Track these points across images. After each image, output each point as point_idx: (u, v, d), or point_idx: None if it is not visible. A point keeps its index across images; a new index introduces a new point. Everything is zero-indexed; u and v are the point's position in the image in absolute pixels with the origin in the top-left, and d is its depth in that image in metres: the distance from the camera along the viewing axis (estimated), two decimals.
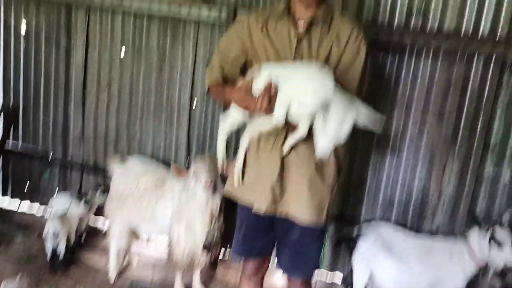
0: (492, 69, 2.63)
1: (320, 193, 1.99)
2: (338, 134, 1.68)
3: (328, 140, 1.69)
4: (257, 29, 1.94)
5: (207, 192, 2.59)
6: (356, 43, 1.88)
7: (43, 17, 3.39)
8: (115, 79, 3.36)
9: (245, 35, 1.97)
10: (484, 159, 2.79)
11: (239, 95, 1.88)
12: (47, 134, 3.60)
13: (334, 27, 1.89)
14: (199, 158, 2.70)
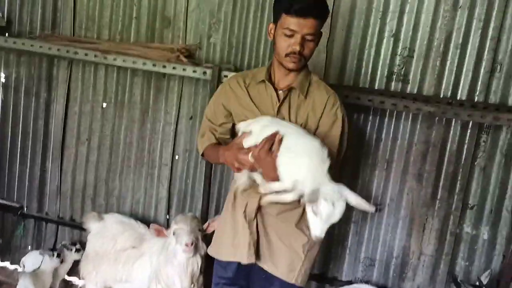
0: (470, 132, 2.69)
1: (296, 250, 2.01)
2: (332, 217, 1.65)
3: (323, 222, 1.66)
4: (241, 90, 2.03)
5: (187, 255, 2.51)
6: (333, 110, 1.96)
7: (24, 69, 3.34)
8: (96, 132, 3.30)
9: (229, 100, 2.05)
10: (462, 220, 2.81)
11: (231, 152, 1.89)
12: (22, 188, 3.48)
13: (311, 94, 1.98)
14: (180, 218, 2.62)
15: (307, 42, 1.85)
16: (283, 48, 1.87)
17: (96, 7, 3.16)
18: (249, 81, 2.03)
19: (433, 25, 2.65)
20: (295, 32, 1.82)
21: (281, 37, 1.86)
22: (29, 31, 3.28)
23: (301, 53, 1.85)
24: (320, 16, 1.83)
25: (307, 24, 1.80)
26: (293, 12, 1.79)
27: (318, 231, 1.67)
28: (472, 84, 2.65)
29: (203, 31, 3.02)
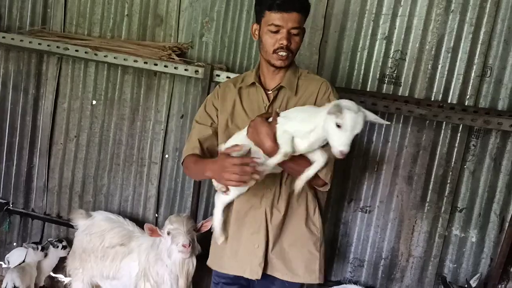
0: (460, 135, 2.68)
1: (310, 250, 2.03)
2: (356, 126, 1.61)
3: (348, 134, 1.61)
4: (233, 94, 2.02)
5: (184, 255, 2.45)
6: (325, 96, 1.95)
7: (12, 64, 3.27)
8: (85, 129, 3.24)
9: (221, 103, 2.03)
10: (451, 222, 2.80)
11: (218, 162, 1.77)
12: (8, 184, 3.41)
13: (301, 88, 1.98)
14: (175, 219, 2.56)
15: (293, 37, 1.85)
16: (270, 45, 1.86)
17: (87, 4, 3.10)
18: (240, 85, 2.03)
19: (425, 29, 2.63)
20: (281, 27, 1.82)
21: (267, 34, 1.86)
22: (18, 26, 3.22)
23: (288, 47, 1.85)
24: (302, 9, 1.84)
25: (291, 18, 1.81)
26: (276, 8, 1.80)
27: (344, 145, 1.61)
28: (463, 88, 2.64)
29: (195, 29, 2.97)
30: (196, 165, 1.93)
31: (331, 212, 2.94)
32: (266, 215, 1.99)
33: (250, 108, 2.00)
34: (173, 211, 3.17)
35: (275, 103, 1.97)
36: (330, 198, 2.91)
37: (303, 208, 2.02)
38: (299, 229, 2.03)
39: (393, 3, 2.65)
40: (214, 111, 2.05)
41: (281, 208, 1.99)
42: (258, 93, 2.00)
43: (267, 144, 1.72)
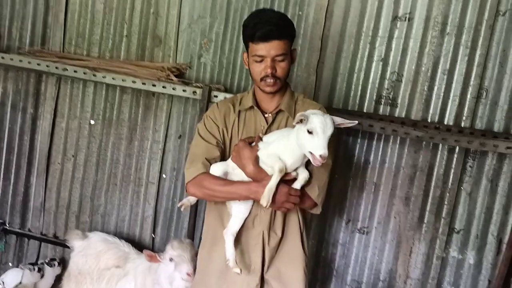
0: (456, 157, 2.64)
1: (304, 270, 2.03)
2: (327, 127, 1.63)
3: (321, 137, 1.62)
4: (233, 115, 2.00)
5: (188, 284, 2.36)
6: None
7: (11, 84, 3.23)
8: (82, 148, 3.19)
9: (221, 123, 2.00)
10: (449, 244, 2.74)
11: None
12: (5, 203, 3.35)
13: (298, 112, 1.90)
14: (178, 245, 2.48)
15: (278, 63, 1.86)
16: (257, 73, 1.89)
17: (86, 24, 3.09)
18: (239, 108, 2.01)
19: (420, 51, 2.62)
20: (264, 56, 1.84)
21: (253, 64, 1.89)
22: (18, 46, 3.19)
23: (274, 74, 1.86)
24: (283, 36, 1.84)
25: (272, 46, 1.82)
26: (257, 39, 1.82)
27: (321, 148, 1.61)
28: (459, 110, 2.61)
29: (194, 50, 2.95)
30: (229, 186, 1.83)
31: (328, 233, 2.89)
32: (264, 238, 1.96)
33: (248, 131, 1.98)
34: (170, 231, 3.11)
35: (273, 126, 1.97)
36: (327, 218, 2.87)
37: (297, 229, 2.01)
38: (295, 249, 2.01)
39: (389, 25, 2.64)
40: (216, 129, 1.99)
41: (278, 230, 1.98)
42: (256, 116, 1.99)
43: (248, 168, 1.78)
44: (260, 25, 1.82)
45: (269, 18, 1.85)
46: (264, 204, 1.72)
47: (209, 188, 1.84)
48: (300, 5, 2.75)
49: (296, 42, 2.75)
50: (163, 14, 2.97)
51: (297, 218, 2.01)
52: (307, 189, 1.85)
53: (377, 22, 2.65)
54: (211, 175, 1.86)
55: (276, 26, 1.82)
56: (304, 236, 2.04)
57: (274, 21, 1.83)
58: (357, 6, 2.67)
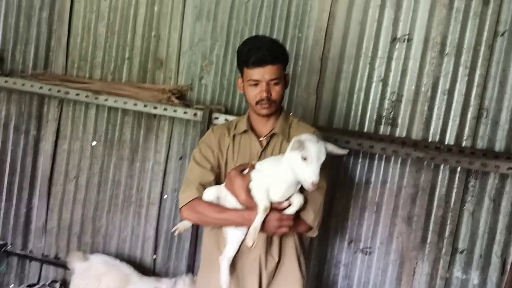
0: (458, 176, 2.60)
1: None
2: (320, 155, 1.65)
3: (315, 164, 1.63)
4: (227, 139, 2.00)
5: None
6: None
7: (14, 106, 3.22)
8: (84, 170, 3.16)
9: (216, 147, 2.00)
10: (452, 264, 2.68)
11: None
12: (7, 225, 3.30)
13: (293, 135, 1.92)
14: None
15: (272, 87, 1.89)
16: (252, 97, 1.91)
17: (89, 47, 3.08)
18: (233, 132, 2.02)
19: (420, 71, 2.59)
20: (259, 81, 1.87)
21: (249, 88, 1.91)
22: (21, 69, 3.19)
23: (269, 98, 1.88)
24: (277, 61, 1.88)
25: (266, 71, 1.85)
26: (251, 64, 1.86)
27: (315, 176, 1.62)
28: (459, 130, 2.57)
29: (195, 72, 2.94)
30: (222, 213, 1.83)
31: (330, 254, 2.83)
32: (260, 262, 1.93)
33: (242, 155, 1.98)
34: (171, 252, 3.06)
35: (267, 149, 1.97)
36: (329, 239, 2.82)
37: (294, 252, 1.98)
38: (292, 273, 1.98)
39: (388, 46, 2.62)
40: (210, 154, 2.00)
41: (275, 254, 1.94)
42: (251, 140, 1.99)
43: (240, 198, 1.79)
44: (253, 51, 1.86)
45: (262, 44, 1.89)
46: (249, 245, 1.72)
47: (203, 213, 1.86)
48: (299, 27, 2.74)
49: (296, 63, 2.75)
50: (164, 37, 2.97)
51: (293, 241, 1.98)
52: (302, 214, 1.84)
53: (376, 43, 2.64)
54: (205, 201, 1.87)
55: (269, 51, 1.86)
56: (301, 259, 2.01)
57: (267, 47, 1.87)
58: (356, 27, 2.66)
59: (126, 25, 3.01)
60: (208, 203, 1.86)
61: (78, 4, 3.07)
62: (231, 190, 1.82)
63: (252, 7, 2.80)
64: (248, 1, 2.81)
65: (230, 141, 2.00)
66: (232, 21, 2.85)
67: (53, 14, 3.12)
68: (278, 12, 2.76)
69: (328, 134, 2.57)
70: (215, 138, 2.02)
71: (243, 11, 2.82)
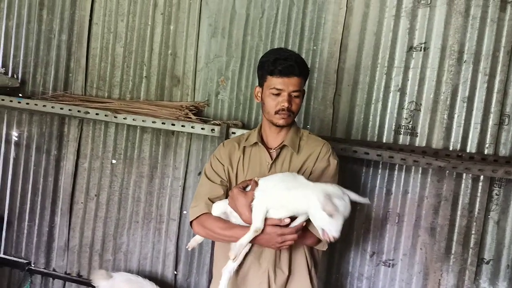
0: (482, 184, 2.45)
1: None
2: (346, 210, 1.55)
3: (339, 220, 1.54)
4: (238, 152, 1.96)
5: None
6: (325, 157, 1.90)
7: (36, 127, 3.16)
8: (105, 187, 3.07)
9: (226, 161, 1.94)
10: (479, 275, 2.51)
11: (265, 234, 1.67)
12: (30, 244, 3.21)
13: (303, 148, 1.90)
14: None
15: (293, 99, 1.84)
16: (272, 106, 1.85)
17: (107, 67, 3.02)
18: (244, 144, 1.96)
19: (438, 80, 2.47)
20: (282, 90, 1.81)
21: (269, 97, 1.85)
22: (42, 91, 3.13)
23: (289, 109, 1.83)
24: (302, 74, 1.84)
25: (291, 82, 1.80)
26: (277, 73, 1.80)
27: (338, 232, 1.54)
28: (481, 137, 2.43)
29: (211, 88, 2.85)
30: (227, 231, 1.76)
31: (352, 266, 2.69)
32: (269, 276, 1.83)
33: (253, 167, 1.91)
34: (192, 267, 2.94)
35: (278, 161, 1.91)
36: (350, 252, 2.67)
37: (305, 266, 1.88)
38: (303, 286, 1.88)
39: (405, 56, 2.50)
40: (221, 168, 1.94)
41: (284, 267, 1.85)
42: (261, 152, 1.93)
43: (243, 216, 1.70)
44: (281, 61, 1.80)
45: (289, 55, 1.83)
46: (231, 258, 1.68)
47: (210, 229, 1.82)
48: (314, 40, 2.64)
49: (312, 76, 2.64)
50: (180, 55, 2.89)
51: (304, 254, 1.88)
52: (310, 226, 1.73)
53: (392, 53, 2.52)
54: (213, 217, 1.82)
55: (297, 63, 1.81)
56: (312, 273, 1.90)
57: (295, 59, 1.82)
58: (371, 38, 2.55)
59: (143, 44, 2.95)
60: (215, 219, 1.81)
61: (96, 26, 3.02)
62: (234, 208, 1.75)
63: (266, 22, 2.72)
64: (262, 17, 2.72)
65: (241, 154, 1.94)
66: (247, 37, 2.77)
67: (72, 37, 3.07)
68: (292, 26, 2.67)
69: (346, 145, 2.45)
70: (225, 152, 1.97)
71: (257, 26, 2.74)
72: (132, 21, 2.96)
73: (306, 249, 1.89)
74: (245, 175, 1.91)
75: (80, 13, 3.03)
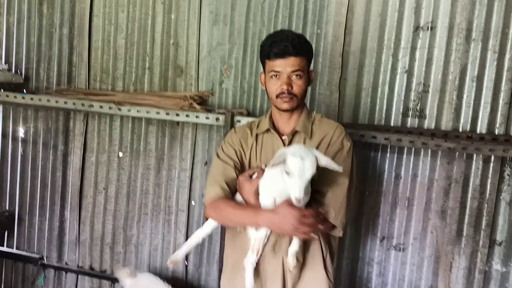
0: (493, 165, 2.35)
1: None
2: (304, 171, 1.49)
3: (298, 180, 1.48)
4: (251, 139, 1.87)
5: None
6: (338, 139, 1.82)
7: (41, 123, 3.09)
8: (113, 181, 3.01)
9: (238, 146, 1.87)
10: (491, 257, 2.43)
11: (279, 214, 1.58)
12: (42, 239, 3.17)
13: (315, 133, 1.82)
14: None
15: (294, 80, 1.76)
16: (273, 90, 1.79)
17: (110, 60, 2.94)
18: (256, 131, 1.88)
19: (446, 59, 2.36)
20: (280, 72, 1.75)
21: (270, 81, 1.80)
22: (46, 86, 3.06)
23: (290, 91, 1.75)
24: (299, 53, 1.74)
25: (288, 62, 1.73)
26: (273, 56, 1.75)
27: (295, 192, 1.48)
28: (491, 117, 2.33)
29: (214, 77, 2.76)
30: (239, 210, 1.70)
31: (362, 252, 2.62)
32: (284, 264, 1.77)
33: (265, 154, 1.84)
34: (202, 258, 2.88)
35: None
36: (360, 237, 2.60)
37: (319, 254, 1.82)
38: (318, 276, 1.81)
39: (411, 36, 2.39)
40: (233, 152, 1.87)
41: (299, 256, 1.76)
42: (273, 138, 1.86)
43: (250, 203, 1.68)
44: (276, 43, 1.74)
45: (285, 36, 1.76)
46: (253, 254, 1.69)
47: (220, 208, 1.75)
48: (318, 23, 2.54)
49: (316, 60, 2.54)
50: (182, 44, 2.80)
51: (318, 242, 1.81)
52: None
53: (399, 33, 2.41)
54: (226, 201, 1.75)
55: (292, 43, 1.73)
56: (327, 261, 1.83)
57: (290, 39, 1.74)
58: (376, 19, 2.44)
59: (145, 35, 2.86)
60: (227, 200, 1.76)
61: (96, 18, 2.93)
62: (241, 195, 1.73)
63: (268, 7, 2.62)
64: (264, 2, 2.62)
65: (254, 141, 1.87)
66: (249, 23, 2.67)
67: (73, 30, 2.98)
68: (295, 10, 2.57)
69: (353, 130, 2.36)
70: (237, 138, 1.90)
71: (259, 12, 2.64)
72: (133, 11, 2.87)
73: (321, 236, 1.82)
74: (257, 162, 1.84)
75: (80, 6, 2.95)
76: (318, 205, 1.69)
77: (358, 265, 2.64)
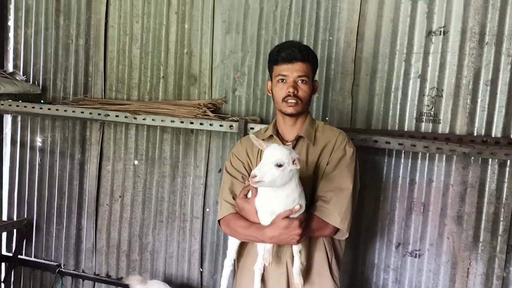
0: (508, 169, 2.34)
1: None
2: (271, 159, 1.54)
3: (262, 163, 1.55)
4: (254, 149, 1.90)
5: None
6: (341, 146, 1.86)
7: (59, 132, 3.18)
8: (128, 189, 3.07)
9: (244, 158, 1.92)
10: (509, 262, 2.41)
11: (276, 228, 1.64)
12: (59, 247, 3.25)
13: (319, 139, 1.87)
14: None
15: (300, 85, 1.83)
16: (279, 94, 1.85)
17: (125, 70, 3.01)
18: (261, 138, 1.91)
19: (459, 64, 2.37)
20: (286, 76, 1.82)
21: (277, 86, 1.86)
22: (63, 96, 3.15)
23: (296, 95, 1.82)
24: (306, 59, 1.83)
25: (295, 68, 1.81)
26: (281, 60, 1.82)
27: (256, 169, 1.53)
28: (506, 120, 2.33)
29: (228, 85, 2.82)
30: (247, 230, 1.73)
31: (378, 258, 2.62)
32: (288, 268, 1.82)
33: None
34: (217, 264, 2.92)
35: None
36: (376, 243, 2.61)
37: (324, 259, 1.86)
38: (324, 280, 1.85)
39: (424, 41, 2.41)
40: (240, 164, 1.93)
41: (303, 259, 1.80)
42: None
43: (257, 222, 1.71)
44: (284, 49, 1.83)
45: (291, 44, 1.86)
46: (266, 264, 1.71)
47: (233, 228, 1.81)
48: (330, 30, 2.58)
49: (329, 67, 2.58)
50: (196, 53, 2.87)
51: (323, 246, 1.85)
52: (325, 217, 1.72)
53: (411, 39, 2.44)
54: (237, 216, 1.79)
55: (299, 49, 1.82)
56: (333, 265, 1.87)
57: (297, 46, 1.84)
58: (388, 25, 2.47)
59: (159, 44, 2.93)
60: (238, 218, 1.78)
61: (112, 29, 3.01)
62: (245, 217, 1.75)
63: (280, 15, 2.67)
64: (276, 9, 2.67)
65: (256, 150, 1.92)
66: (261, 31, 2.72)
67: (89, 41, 3.07)
68: (307, 17, 2.61)
69: (367, 136, 2.39)
70: (243, 149, 1.96)
71: (271, 20, 2.69)
72: (147, 22, 2.95)
73: (325, 241, 1.86)
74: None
75: (95, 17, 3.04)
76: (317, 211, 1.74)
77: (374, 272, 2.64)
